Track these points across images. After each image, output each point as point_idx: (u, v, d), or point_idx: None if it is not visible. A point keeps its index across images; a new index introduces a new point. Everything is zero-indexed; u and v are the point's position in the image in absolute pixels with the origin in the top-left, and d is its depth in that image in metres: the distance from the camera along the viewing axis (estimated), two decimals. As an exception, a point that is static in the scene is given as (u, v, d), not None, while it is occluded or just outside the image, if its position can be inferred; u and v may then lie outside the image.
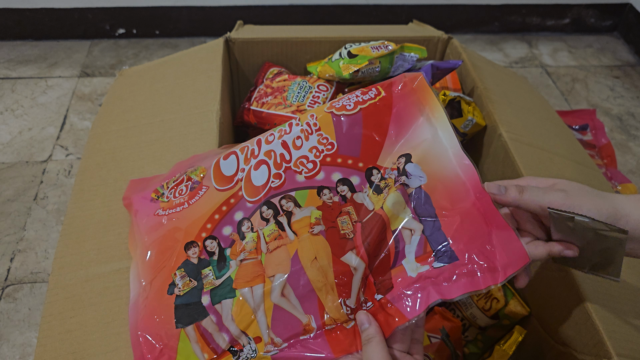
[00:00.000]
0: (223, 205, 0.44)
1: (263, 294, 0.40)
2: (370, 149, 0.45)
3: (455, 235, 0.40)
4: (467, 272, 0.38)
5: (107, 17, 1.35)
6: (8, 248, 0.89)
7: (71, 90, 1.23)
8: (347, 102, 0.47)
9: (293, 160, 0.45)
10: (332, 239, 0.42)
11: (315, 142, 0.46)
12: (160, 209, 0.46)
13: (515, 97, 0.72)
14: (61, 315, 0.43)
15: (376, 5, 1.41)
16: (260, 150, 0.46)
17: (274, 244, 0.42)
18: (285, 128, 0.47)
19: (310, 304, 0.40)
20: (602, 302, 0.46)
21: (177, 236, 0.44)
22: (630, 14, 1.49)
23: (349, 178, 0.44)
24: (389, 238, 0.42)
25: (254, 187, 0.45)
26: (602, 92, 1.32)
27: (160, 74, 0.70)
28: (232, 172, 0.46)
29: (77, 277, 0.46)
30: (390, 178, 0.44)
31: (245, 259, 0.42)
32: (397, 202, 0.42)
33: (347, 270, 0.41)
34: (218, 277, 0.42)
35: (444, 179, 0.42)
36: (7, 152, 1.06)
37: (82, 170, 0.56)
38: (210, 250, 0.43)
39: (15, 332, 0.78)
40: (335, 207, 0.43)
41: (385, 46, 0.67)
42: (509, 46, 1.48)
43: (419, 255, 0.40)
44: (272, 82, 0.74)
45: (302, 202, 0.43)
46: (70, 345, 0.41)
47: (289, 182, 0.44)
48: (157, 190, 0.49)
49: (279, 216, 0.43)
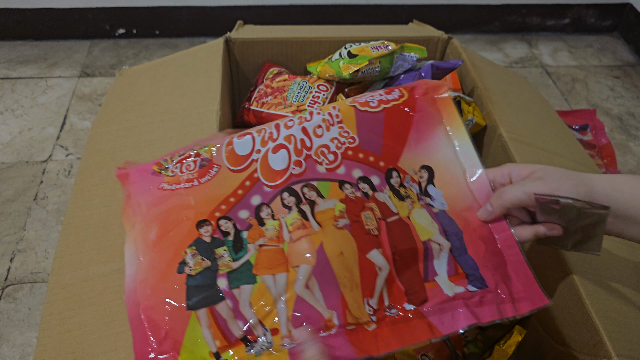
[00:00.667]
0: (239, 189, 0.43)
1: (286, 284, 0.39)
2: (391, 149, 0.46)
3: (483, 262, 0.42)
4: (495, 300, 0.40)
5: (107, 17, 1.35)
6: (8, 248, 0.89)
7: (71, 90, 1.23)
8: (370, 100, 0.48)
9: (314, 148, 0.45)
10: (357, 234, 0.41)
11: (337, 133, 0.46)
12: (165, 183, 0.44)
13: (515, 97, 0.72)
14: (61, 315, 0.43)
15: (376, 5, 1.41)
16: (280, 134, 0.45)
17: (297, 233, 0.41)
18: (305, 115, 0.47)
19: (334, 299, 0.39)
20: (602, 302, 0.46)
21: (186, 213, 0.42)
22: (630, 14, 1.49)
23: (369, 177, 0.44)
24: (419, 248, 0.42)
25: (272, 170, 0.43)
26: (602, 92, 1.32)
27: (160, 74, 0.70)
28: (247, 152, 0.45)
29: (77, 277, 0.46)
30: (410, 190, 0.44)
31: (265, 245, 0.40)
32: (425, 217, 0.43)
33: (372, 269, 0.40)
34: (235, 259, 0.40)
35: (465, 201, 0.44)
36: (7, 152, 1.06)
37: (82, 170, 0.56)
38: (224, 230, 0.41)
39: (15, 332, 0.78)
40: (358, 202, 0.43)
41: (385, 46, 0.67)
42: (509, 46, 1.48)
43: (451, 275, 0.41)
44: (272, 82, 0.74)
45: (324, 193, 0.43)
46: (70, 345, 0.41)
47: (309, 171, 0.43)
48: (159, 164, 0.46)
49: (302, 204, 0.42)
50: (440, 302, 0.40)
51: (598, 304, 0.46)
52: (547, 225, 0.42)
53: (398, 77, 0.67)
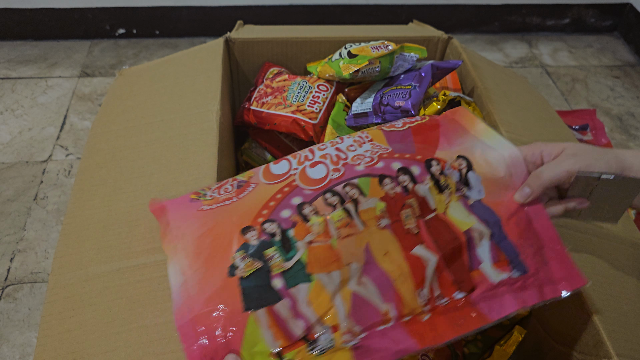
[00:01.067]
0: (277, 194, 0.43)
1: (341, 281, 0.39)
2: (425, 149, 0.46)
3: (522, 247, 0.42)
4: (536, 283, 0.41)
5: (107, 17, 1.35)
6: (8, 248, 0.89)
7: (71, 90, 1.23)
8: (394, 123, 0.50)
9: (349, 157, 0.46)
10: (399, 233, 0.42)
11: (369, 147, 0.47)
12: (204, 205, 0.44)
13: (515, 97, 0.72)
14: (61, 315, 0.43)
15: (376, 5, 1.41)
16: (315, 155, 0.46)
17: (344, 230, 0.41)
18: (336, 140, 0.48)
19: (388, 292, 0.39)
20: (602, 302, 0.46)
21: (230, 224, 0.42)
22: (631, 14, 1.49)
23: (409, 168, 0.44)
24: (461, 239, 0.42)
25: (311, 179, 0.44)
26: (602, 92, 1.32)
27: (160, 73, 0.70)
28: (284, 171, 0.45)
29: (77, 277, 0.46)
30: (450, 178, 0.44)
31: (314, 242, 0.40)
32: (461, 211, 0.43)
33: (420, 261, 0.41)
34: (287, 259, 0.39)
35: (502, 185, 0.45)
36: (7, 152, 1.06)
37: (82, 170, 0.56)
38: (270, 232, 0.40)
39: (15, 332, 0.78)
40: (398, 199, 0.43)
41: (385, 46, 0.67)
42: (509, 46, 1.48)
43: (495, 262, 0.42)
44: (272, 82, 0.74)
45: (366, 191, 0.43)
46: (69, 345, 0.41)
47: (348, 172, 0.44)
48: (197, 192, 0.46)
49: (346, 203, 0.42)
50: (487, 290, 0.41)
51: (598, 304, 0.46)
52: (578, 199, 0.44)
53: (398, 77, 0.67)
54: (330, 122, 0.67)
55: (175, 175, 0.53)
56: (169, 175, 0.54)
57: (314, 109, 0.68)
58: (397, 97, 0.62)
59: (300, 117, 0.67)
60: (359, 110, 0.66)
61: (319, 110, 0.68)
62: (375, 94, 0.66)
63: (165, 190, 0.52)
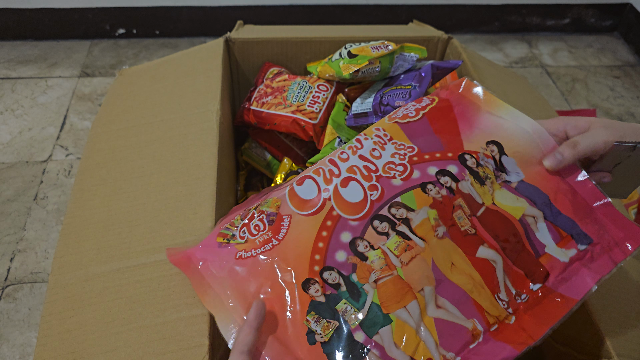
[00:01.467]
0: (322, 231, 0.40)
1: (420, 311, 0.37)
2: (451, 141, 0.45)
3: (578, 217, 0.42)
4: (603, 250, 0.40)
5: (107, 17, 1.35)
6: (8, 248, 0.89)
7: (71, 90, 1.23)
8: (406, 112, 0.48)
9: (380, 168, 0.43)
10: (458, 238, 0.41)
11: (393, 149, 0.45)
12: (241, 252, 0.41)
13: (515, 97, 0.72)
14: (61, 314, 0.43)
15: (376, 5, 1.41)
16: (340, 168, 0.44)
17: (406, 255, 0.39)
18: (355, 144, 0.46)
19: (468, 307, 0.38)
20: (602, 302, 0.46)
21: (285, 278, 0.39)
22: (631, 14, 1.49)
23: (446, 168, 0.43)
24: (518, 228, 0.42)
25: (350, 204, 0.41)
26: (602, 92, 1.32)
27: (160, 73, 0.70)
28: (315, 194, 0.42)
29: (77, 277, 0.46)
30: (487, 167, 0.44)
31: (380, 279, 0.38)
32: (508, 196, 0.43)
33: (488, 264, 0.40)
34: (360, 308, 0.37)
35: (535, 163, 0.44)
36: (7, 152, 1.06)
37: (82, 170, 0.56)
38: (333, 283, 0.38)
39: (15, 332, 0.78)
40: (446, 202, 0.42)
41: (385, 46, 0.67)
42: (509, 46, 1.48)
43: (558, 241, 0.41)
44: (272, 82, 0.74)
45: (413, 205, 0.41)
46: (69, 345, 0.41)
47: (387, 190, 0.42)
48: (222, 234, 0.43)
49: (397, 226, 0.40)
50: (561, 272, 0.40)
51: (598, 304, 0.46)
52: (601, 173, 0.45)
53: (398, 77, 0.67)
54: (330, 122, 0.67)
55: (175, 175, 0.53)
56: (169, 175, 0.54)
57: (314, 109, 0.68)
58: (397, 97, 0.62)
59: (300, 117, 0.67)
60: (359, 110, 0.66)
61: (319, 110, 0.68)
62: (375, 94, 0.66)
63: (164, 190, 0.52)
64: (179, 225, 0.49)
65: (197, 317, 0.42)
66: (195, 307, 0.42)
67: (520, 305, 0.40)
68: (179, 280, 0.44)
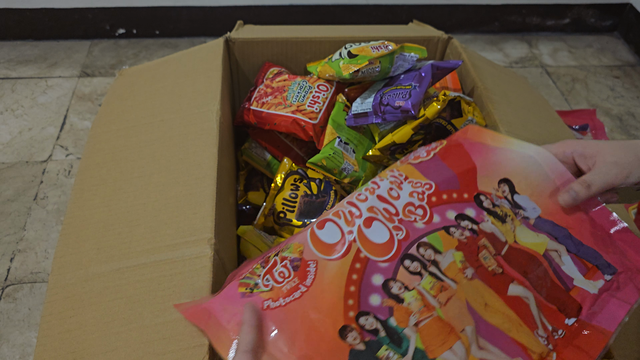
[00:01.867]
0: (352, 274, 0.39)
1: (465, 351, 0.37)
2: (465, 177, 0.46)
3: (600, 247, 0.43)
4: (628, 278, 0.41)
5: (107, 17, 1.35)
6: (8, 248, 0.89)
7: (71, 90, 1.23)
8: (417, 154, 0.49)
9: (400, 210, 0.43)
10: (487, 278, 0.40)
11: (410, 187, 0.45)
12: (268, 301, 0.38)
13: (515, 97, 0.72)
14: (61, 314, 0.43)
15: (376, 5, 1.41)
16: (361, 208, 0.43)
17: (443, 295, 0.38)
18: (372, 186, 0.45)
19: (510, 345, 0.38)
20: (602, 302, 0.46)
21: (319, 327, 0.37)
22: (631, 14, 1.49)
23: (464, 212, 0.43)
24: (544, 264, 0.42)
25: (377, 245, 0.40)
26: (602, 92, 1.32)
27: (160, 73, 0.70)
28: (338, 238, 0.41)
29: (77, 277, 0.46)
30: (504, 206, 0.44)
31: (421, 321, 0.37)
32: (529, 233, 0.43)
33: (521, 302, 0.40)
34: (404, 354, 0.36)
35: (550, 194, 0.45)
36: (7, 152, 1.06)
37: (82, 170, 0.56)
38: (371, 329, 0.37)
39: (15, 332, 0.78)
40: (471, 243, 0.42)
41: (385, 46, 0.67)
42: (509, 46, 1.48)
43: (585, 272, 0.42)
44: (272, 82, 0.74)
45: (439, 247, 0.41)
46: (69, 345, 0.41)
47: (412, 231, 0.42)
48: (244, 284, 0.41)
49: (429, 267, 0.40)
50: (592, 304, 0.40)
51: (598, 304, 0.46)
52: (608, 194, 0.45)
53: (398, 77, 0.67)
54: (330, 122, 0.67)
55: (176, 175, 0.53)
56: (169, 175, 0.54)
57: (314, 109, 0.68)
58: (397, 97, 0.62)
59: (300, 117, 0.67)
60: (359, 110, 0.66)
61: (319, 110, 0.68)
62: (375, 94, 0.66)
63: (165, 190, 0.52)
64: (179, 225, 0.49)
65: (197, 317, 0.42)
66: (195, 307, 0.42)
67: (558, 340, 0.39)
68: (179, 280, 0.44)
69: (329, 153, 0.64)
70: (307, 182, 0.66)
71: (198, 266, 0.45)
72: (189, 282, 0.44)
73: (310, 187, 0.66)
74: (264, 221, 0.66)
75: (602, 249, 0.43)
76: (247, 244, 0.61)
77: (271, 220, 0.66)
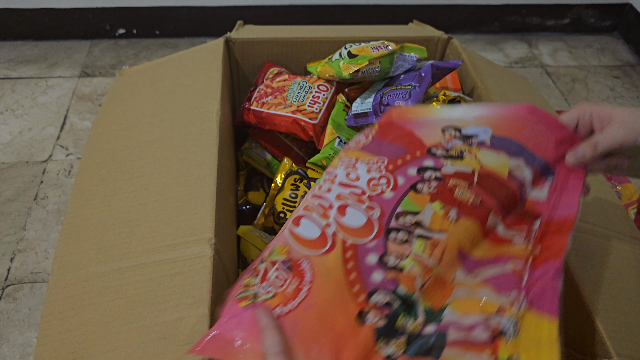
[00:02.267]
0: (346, 264, 0.39)
1: (467, 290, 0.39)
2: (411, 143, 0.47)
3: (543, 153, 0.45)
4: (564, 179, 0.44)
5: (107, 17, 1.35)
6: (8, 248, 0.89)
7: (71, 90, 1.23)
8: (357, 139, 0.50)
9: (365, 188, 0.44)
10: (470, 212, 0.42)
11: (365, 165, 0.46)
12: (275, 308, 0.38)
13: (515, 97, 0.72)
14: (61, 314, 0.43)
15: (376, 5, 1.41)
16: (329, 199, 0.44)
17: (437, 251, 0.39)
18: (329, 177, 0.46)
19: (501, 260, 0.41)
20: (602, 302, 0.46)
21: (339, 321, 0.37)
22: (630, 14, 1.49)
23: (423, 165, 0.44)
24: (512, 187, 0.43)
25: (358, 229, 0.41)
26: (602, 92, 1.32)
27: (160, 74, 0.70)
28: (318, 232, 0.42)
29: (77, 277, 0.46)
30: (456, 146, 0.45)
31: (425, 283, 0.39)
32: (489, 154, 0.44)
33: (492, 231, 0.42)
34: (417, 318, 0.38)
35: (496, 119, 0.46)
36: (7, 152, 1.06)
37: (82, 170, 0.56)
38: (384, 303, 0.38)
39: (15, 332, 0.78)
40: (442, 190, 0.43)
41: (385, 46, 0.67)
42: (509, 46, 1.48)
43: (535, 181, 0.44)
44: (272, 82, 0.74)
45: (415, 208, 0.42)
46: (70, 345, 0.41)
47: (385, 205, 0.42)
48: (243, 298, 0.40)
49: (413, 231, 0.40)
50: (548, 208, 0.43)
51: (598, 304, 0.46)
52: (619, 158, 0.46)
53: (398, 77, 0.67)
54: (330, 122, 0.67)
55: (176, 175, 0.53)
56: (169, 175, 0.54)
57: (314, 109, 0.68)
58: (397, 97, 0.62)
59: (301, 117, 0.67)
60: (359, 110, 0.66)
61: (319, 110, 0.68)
62: (375, 94, 0.66)
63: (165, 190, 0.52)
64: (179, 225, 0.49)
65: (197, 317, 0.42)
66: (195, 307, 0.42)
67: (536, 238, 0.42)
68: (179, 280, 0.44)
69: (329, 153, 0.64)
70: (307, 182, 0.67)
71: (198, 266, 0.45)
72: (189, 282, 0.44)
73: (310, 187, 0.66)
74: (264, 221, 0.66)
75: (544, 151, 0.45)
76: (247, 244, 0.61)
77: (271, 220, 0.66)
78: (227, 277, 0.51)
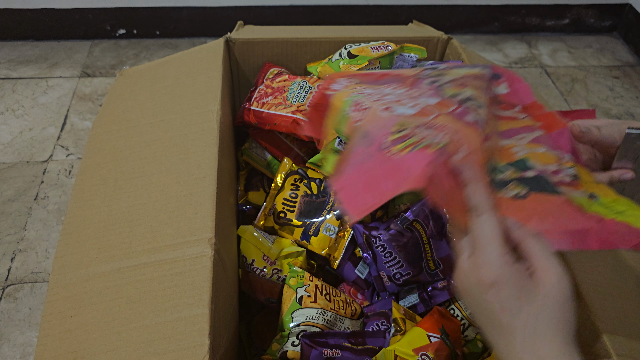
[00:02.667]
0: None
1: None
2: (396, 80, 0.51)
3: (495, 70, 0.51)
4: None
5: (107, 18, 1.36)
6: (9, 248, 0.89)
7: (72, 91, 1.23)
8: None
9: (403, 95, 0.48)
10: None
11: (385, 88, 0.49)
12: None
13: (515, 97, 0.72)
14: (61, 314, 0.43)
15: (376, 6, 1.41)
16: (390, 98, 0.47)
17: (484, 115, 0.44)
18: (366, 102, 0.46)
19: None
20: (602, 302, 0.46)
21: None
22: (630, 14, 1.49)
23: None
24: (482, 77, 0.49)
25: (435, 105, 0.44)
26: (602, 92, 1.32)
27: (160, 74, 0.70)
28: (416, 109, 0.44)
29: (78, 277, 0.46)
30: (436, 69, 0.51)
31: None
32: (459, 69, 0.50)
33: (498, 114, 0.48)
34: (503, 170, 0.41)
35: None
36: (7, 152, 1.07)
37: (83, 170, 0.56)
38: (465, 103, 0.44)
39: (16, 331, 0.78)
40: (465, 83, 0.47)
41: (385, 46, 0.67)
42: (508, 46, 1.48)
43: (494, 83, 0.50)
44: (272, 83, 0.74)
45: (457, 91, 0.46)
46: (70, 345, 0.41)
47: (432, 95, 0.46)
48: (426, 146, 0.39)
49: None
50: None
51: (598, 304, 0.46)
52: (621, 170, 0.46)
53: (398, 77, 0.68)
54: (330, 122, 0.67)
55: (176, 175, 0.54)
56: (169, 175, 0.54)
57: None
58: (397, 97, 0.62)
59: (301, 117, 0.67)
60: (359, 110, 0.66)
61: (319, 111, 0.68)
62: (375, 94, 0.66)
63: (165, 190, 0.52)
64: (179, 225, 0.49)
65: (198, 317, 0.42)
66: (195, 307, 0.43)
67: (529, 115, 0.48)
68: (179, 279, 0.44)
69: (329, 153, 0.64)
70: (307, 182, 0.67)
71: (198, 266, 0.45)
72: (189, 281, 0.44)
73: (310, 187, 0.66)
74: (264, 221, 0.66)
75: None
76: (247, 244, 0.61)
77: (271, 220, 0.66)
78: (227, 277, 0.51)
